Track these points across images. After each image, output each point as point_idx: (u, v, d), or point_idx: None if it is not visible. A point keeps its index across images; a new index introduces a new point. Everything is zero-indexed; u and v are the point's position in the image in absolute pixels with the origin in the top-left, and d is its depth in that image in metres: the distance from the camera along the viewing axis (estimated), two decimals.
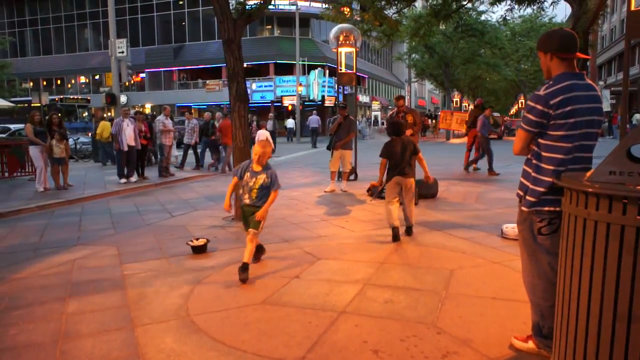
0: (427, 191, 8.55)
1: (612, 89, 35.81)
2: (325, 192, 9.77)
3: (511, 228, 5.73)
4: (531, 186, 2.70)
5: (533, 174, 2.70)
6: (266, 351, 2.97)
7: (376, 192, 8.91)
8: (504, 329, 3.22)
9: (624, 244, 2.17)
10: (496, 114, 37.05)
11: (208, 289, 4.13)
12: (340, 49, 11.54)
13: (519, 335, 3.02)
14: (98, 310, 3.73)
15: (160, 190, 10.81)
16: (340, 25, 11.60)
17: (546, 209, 2.66)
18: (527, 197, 2.71)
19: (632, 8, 5.29)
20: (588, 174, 2.43)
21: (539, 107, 2.60)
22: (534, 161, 2.72)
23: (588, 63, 9.95)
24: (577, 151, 2.60)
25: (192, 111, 39.03)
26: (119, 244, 5.87)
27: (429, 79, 42.91)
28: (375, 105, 49.25)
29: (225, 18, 6.65)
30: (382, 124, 46.08)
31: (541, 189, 2.64)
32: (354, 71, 11.65)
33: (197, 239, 5.39)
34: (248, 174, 4.46)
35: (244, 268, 4.29)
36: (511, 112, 67.95)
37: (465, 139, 15.24)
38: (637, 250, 2.15)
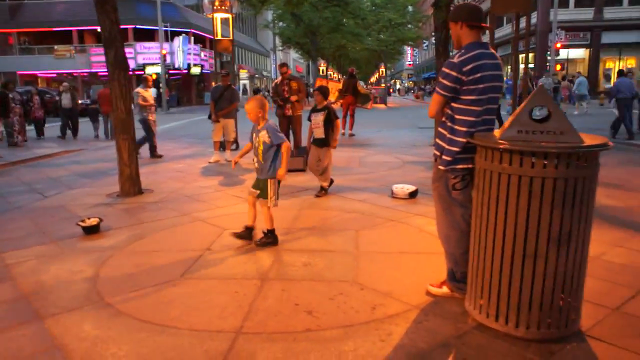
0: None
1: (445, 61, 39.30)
2: (209, 162, 9.53)
3: (400, 188, 6.19)
4: (447, 147, 2.96)
5: (448, 136, 2.96)
6: (201, 325, 2.91)
7: None
8: (418, 278, 3.53)
9: (532, 193, 2.52)
10: (361, 83, 38.84)
11: (116, 270, 3.87)
12: (215, 15, 11.11)
13: (433, 282, 3.34)
14: None
15: (20, 168, 9.60)
16: None
17: (460, 166, 2.95)
18: (444, 157, 2.98)
19: None
20: (497, 133, 2.74)
21: (453, 73, 2.84)
22: (448, 124, 2.97)
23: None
24: (485, 114, 2.91)
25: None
26: None
27: (295, 48, 43.25)
28: (243, 73, 48.49)
29: None
30: (255, 92, 45.60)
31: (456, 149, 2.92)
32: (231, 38, 11.34)
33: (87, 219, 4.96)
34: (254, 135, 4.31)
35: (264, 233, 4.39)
36: (371, 79, 71.68)
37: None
38: (542, 197, 2.51)
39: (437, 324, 2.88)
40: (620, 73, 12.75)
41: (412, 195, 6.08)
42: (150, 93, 10.41)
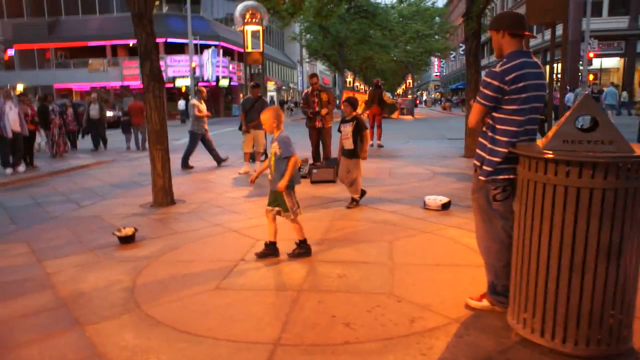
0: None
1: (486, 70, 38.96)
2: (239, 173, 9.61)
3: (432, 199, 6.10)
4: (488, 157, 2.91)
5: (489, 146, 2.90)
6: (239, 336, 2.90)
7: None
8: (456, 291, 3.45)
9: (579, 204, 2.43)
10: (388, 94, 38.80)
11: (152, 280, 3.91)
12: (246, 27, 11.27)
13: (472, 295, 3.26)
14: (31, 314, 3.36)
15: (56, 179, 9.87)
16: (245, 3, 11.32)
17: (501, 177, 2.88)
18: (484, 167, 2.92)
19: None
20: (540, 143, 2.67)
21: (495, 82, 2.79)
22: (489, 134, 2.92)
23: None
24: (528, 124, 2.85)
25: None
26: (28, 240, 5.30)
27: (322, 60, 43.56)
28: (271, 85, 48.97)
29: None
30: (281, 104, 45.98)
31: (497, 159, 2.86)
32: (262, 50, 11.47)
33: (123, 229, 5.04)
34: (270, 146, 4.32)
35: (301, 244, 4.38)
36: (397, 91, 71.51)
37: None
38: (590, 209, 2.42)
39: (479, 338, 2.80)
40: None
41: (445, 206, 5.99)
42: (204, 105, 10.71)
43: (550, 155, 2.47)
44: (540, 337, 2.64)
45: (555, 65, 9.23)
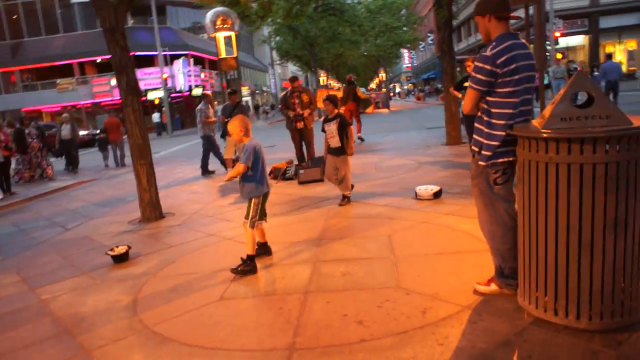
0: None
1: (457, 57, 39.33)
2: (225, 181, 9.49)
3: (424, 189, 6.12)
4: (486, 141, 2.91)
5: (486, 130, 2.90)
6: (252, 345, 2.85)
7: (280, 174, 8.91)
8: (461, 278, 3.45)
9: (583, 179, 2.45)
10: (362, 89, 38.90)
11: (154, 296, 3.82)
12: (218, 34, 11.16)
13: (479, 280, 3.26)
14: (33, 344, 3.25)
15: (37, 204, 9.63)
16: (215, 9, 11.21)
17: (501, 160, 2.88)
18: (483, 152, 2.92)
19: None
20: (537, 124, 2.68)
21: (487, 67, 2.78)
22: (485, 118, 2.92)
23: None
24: (522, 105, 2.85)
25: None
26: (18, 268, 5.15)
27: (294, 61, 43.42)
28: (244, 90, 48.68)
29: (105, 4, 6.04)
30: (256, 108, 45.78)
31: (495, 143, 2.86)
32: (236, 55, 11.38)
33: (116, 247, 4.93)
34: None
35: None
36: (370, 85, 71.74)
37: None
38: (594, 184, 2.44)
39: (493, 323, 2.80)
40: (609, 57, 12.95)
41: (437, 195, 6.00)
42: (212, 110, 10.50)
43: (551, 134, 2.47)
44: (554, 316, 2.65)
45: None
